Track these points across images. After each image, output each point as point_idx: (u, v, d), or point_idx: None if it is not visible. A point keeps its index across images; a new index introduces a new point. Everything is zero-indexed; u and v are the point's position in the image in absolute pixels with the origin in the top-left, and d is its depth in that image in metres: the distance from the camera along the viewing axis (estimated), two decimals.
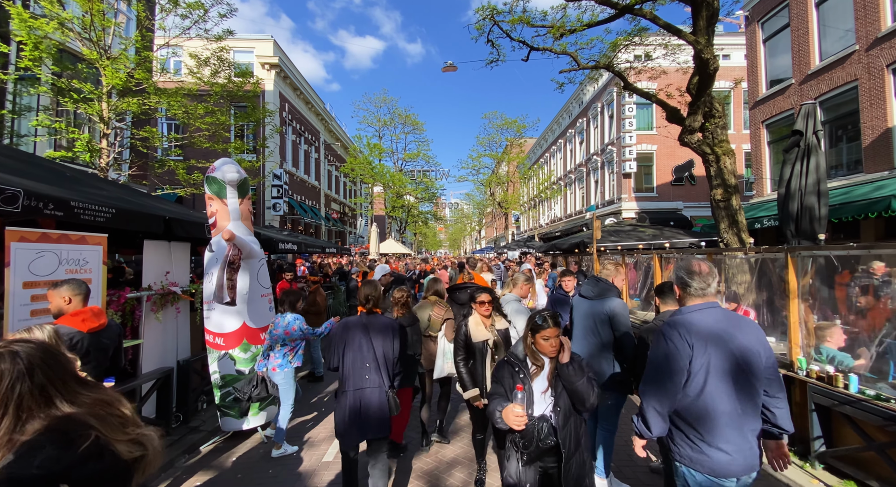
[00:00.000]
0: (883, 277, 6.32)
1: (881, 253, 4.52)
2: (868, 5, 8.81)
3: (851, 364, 3.57)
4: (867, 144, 8.98)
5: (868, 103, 8.89)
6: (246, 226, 4.91)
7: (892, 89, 8.48)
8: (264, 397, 4.50)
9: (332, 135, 26.92)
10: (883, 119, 8.63)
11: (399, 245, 25.74)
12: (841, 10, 9.56)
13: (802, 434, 3.76)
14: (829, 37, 9.95)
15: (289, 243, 7.76)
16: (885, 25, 8.48)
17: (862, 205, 7.73)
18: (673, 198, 19.82)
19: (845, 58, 9.40)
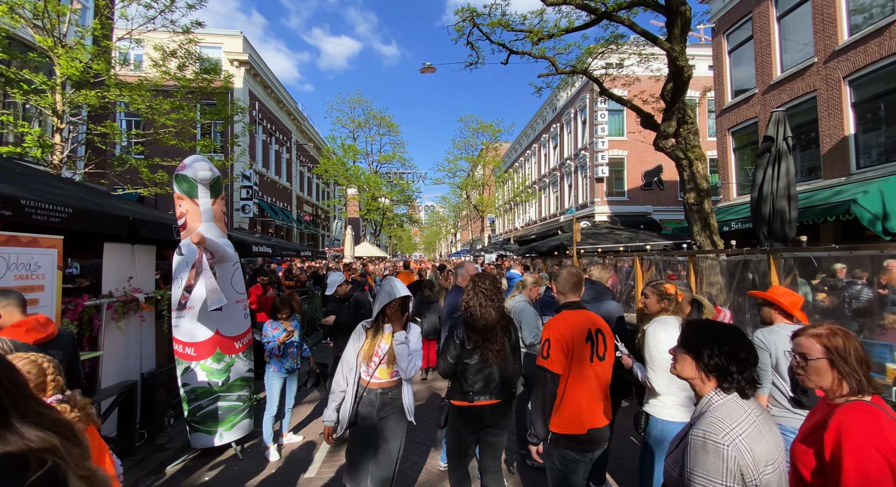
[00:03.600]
0: (846, 279, 6.66)
1: (861, 255, 4.70)
2: (826, 20, 9.36)
3: None
4: (825, 152, 9.51)
5: (826, 113, 9.43)
6: (219, 228, 4.61)
7: (849, 100, 9.02)
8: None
9: (304, 135, 26.25)
10: (840, 128, 9.17)
11: (374, 248, 25.34)
12: (801, 24, 10.12)
13: None
14: (790, 49, 10.52)
15: (262, 246, 7.41)
16: (842, 39, 9.03)
17: (823, 209, 8.14)
18: (643, 202, 20.44)
19: (805, 69, 9.94)
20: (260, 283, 6.47)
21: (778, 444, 1.33)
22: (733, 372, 1.33)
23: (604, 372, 2.27)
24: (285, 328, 4.39)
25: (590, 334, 2.24)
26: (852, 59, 8.83)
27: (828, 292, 6.46)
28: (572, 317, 2.31)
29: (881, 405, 1.33)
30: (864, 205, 7.53)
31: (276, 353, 4.28)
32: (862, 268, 6.76)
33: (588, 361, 2.20)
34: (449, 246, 64.03)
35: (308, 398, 5.79)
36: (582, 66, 11.28)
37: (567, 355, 2.16)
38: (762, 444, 1.27)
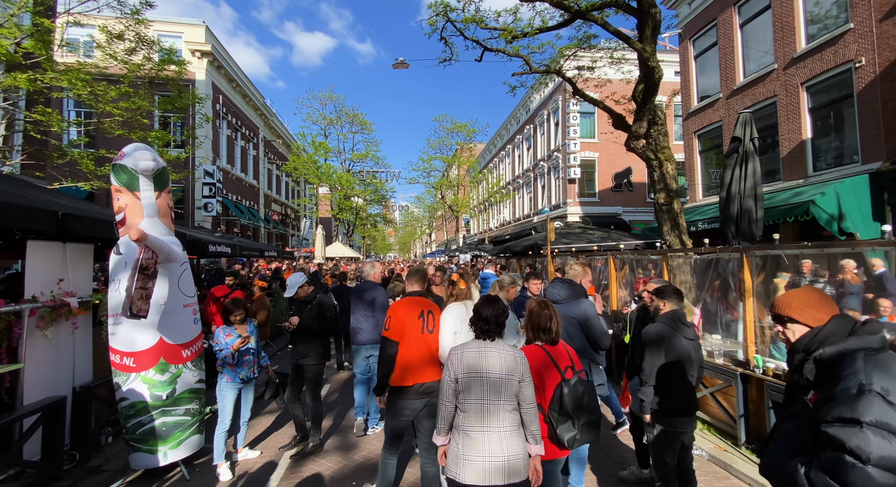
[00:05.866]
0: (809, 277, 6.85)
1: (833, 252, 4.77)
2: (785, 28, 9.73)
3: None
4: (785, 154, 9.88)
5: (785, 117, 9.79)
6: (165, 225, 4.19)
7: (806, 105, 9.40)
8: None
9: (272, 131, 25.32)
10: (798, 132, 9.53)
11: (346, 248, 24.73)
12: (762, 31, 10.49)
13: (759, 431, 3.81)
14: (752, 56, 10.89)
15: (221, 245, 6.91)
16: (800, 47, 9.40)
17: (784, 210, 8.41)
18: (613, 204, 20.85)
19: (766, 75, 10.30)
20: (227, 284, 6.00)
21: (481, 360, 2.17)
22: (479, 325, 2.27)
23: (432, 341, 3.00)
24: (240, 334, 4.02)
25: (422, 313, 3.02)
26: (809, 67, 9.20)
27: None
28: (410, 302, 3.09)
29: (544, 347, 2.46)
30: (821, 206, 7.82)
31: (229, 362, 3.90)
32: (822, 267, 6.99)
33: (420, 333, 2.97)
34: (424, 247, 63.67)
35: (267, 409, 5.39)
36: (556, 66, 11.29)
37: (402, 328, 2.95)
38: (475, 364, 2.16)
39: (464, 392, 2.12)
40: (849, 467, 1.38)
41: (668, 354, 2.77)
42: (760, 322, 4.08)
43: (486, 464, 2.05)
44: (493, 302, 2.27)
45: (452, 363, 2.18)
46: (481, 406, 2.10)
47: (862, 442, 1.36)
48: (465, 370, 2.13)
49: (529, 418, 2.14)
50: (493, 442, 2.08)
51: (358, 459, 4.08)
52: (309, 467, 3.97)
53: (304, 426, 4.34)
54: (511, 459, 2.07)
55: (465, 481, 2.06)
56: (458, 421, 2.16)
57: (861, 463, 1.36)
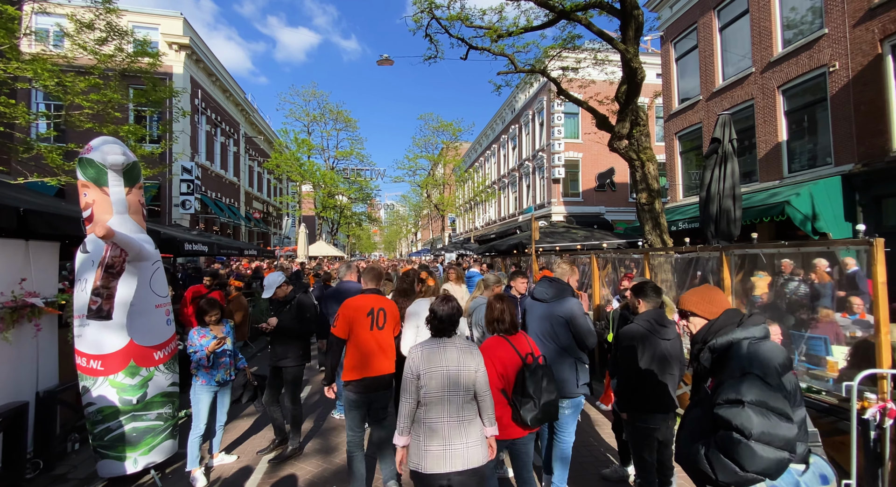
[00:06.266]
0: (786, 276, 7.02)
1: (809, 251, 4.88)
2: (763, 32, 9.96)
3: None
4: (761, 156, 10.13)
5: (762, 120, 10.04)
6: (136, 222, 4.01)
7: (782, 108, 9.65)
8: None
9: (254, 128, 24.80)
10: (774, 134, 9.79)
11: (330, 247, 24.41)
12: (740, 35, 10.73)
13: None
14: (731, 59, 11.14)
15: (197, 244, 6.71)
16: (777, 51, 9.64)
17: (760, 210, 8.62)
18: (596, 203, 21.10)
19: (744, 79, 10.54)
20: (206, 285, 5.79)
21: (440, 355, 2.29)
22: (434, 324, 2.38)
23: (382, 337, 3.17)
24: (215, 335, 3.88)
25: (371, 311, 3.16)
26: (785, 71, 9.45)
27: (770, 287, 6.78)
28: (360, 299, 3.25)
29: (506, 337, 2.65)
30: (796, 207, 8.03)
31: (204, 364, 3.76)
32: (797, 266, 7.18)
33: (369, 330, 3.11)
34: (409, 246, 63.40)
35: (245, 412, 5.24)
36: (540, 66, 11.33)
37: (349, 325, 3.11)
38: (434, 359, 2.28)
39: (425, 386, 2.23)
40: (736, 443, 1.52)
41: (643, 355, 2.79)
42: None
43: (446, 453, 2.18)
44: (448, 301, 2.40)
45: (413, 360, 2.28)
46: (442, 398, 2.22)
47: (745, 420, 1.51)
48: (426, 366, 2.24)
49: (485, 404, 2.32)
50: (453, 431, 2.21)
51: (339, 462, 3.99)
52: (288, 471, 3.87)
53: (284, 429, 4.23)
54: (470, 445, 2.23)
55: (428, 471, 2.17)
56: (419, 415, 2.26)
57: (745, 439, 1.50)
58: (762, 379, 1.58)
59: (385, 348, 3.14)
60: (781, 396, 1.56)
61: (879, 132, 7.55)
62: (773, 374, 1.59)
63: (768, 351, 1.66)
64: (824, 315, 5.36)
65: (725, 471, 1.56)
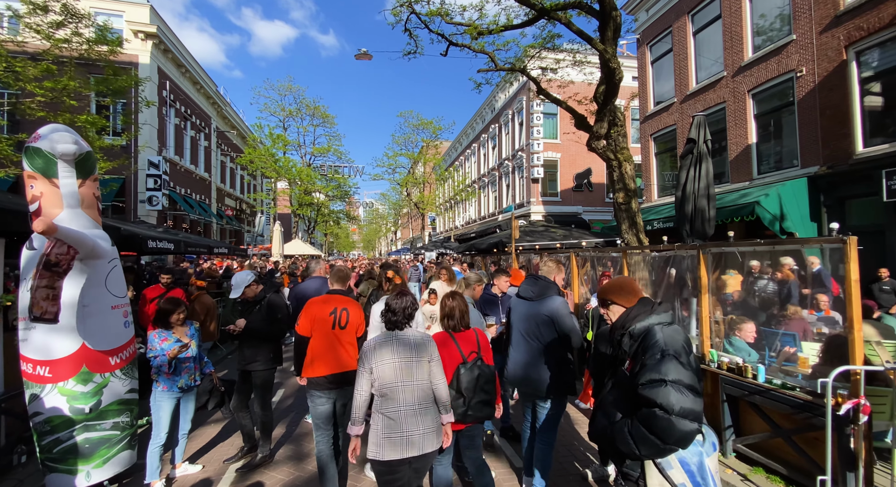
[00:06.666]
0: (756, 274, 7.21)
1: (784, 249, 4.98)
2: (734, 37, 10.25)
3: (755, 357, 3.79)
4: (732, 158, 10.43)
5: (734, 123, 10.33)
6: (90, 217, 3.72)
7: (752, 111, 9.95)
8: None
9: (226, 122, 23.96)
10: (745, 137, 10.08)
11: (307, 246, 23.84)
12: (713, 40, 11.01)
13: (714, 424, 3.90)
14: (704, 63, 11.42)
15: (162, 241, 6.36)
16: (747, 56, 9.93)
17: (732, 210, 8.86)
18: (574, 203, 21.38)
19: (716, 82, 10.83)
20: (162, 283, 5.45)
21: (392, 347, 2.40)
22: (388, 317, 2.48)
23: (344, 336, 3.27)
24: (178, 338, 3.64)
25: (335, 310, 3.25)
26: (755, 75, 9.75)
27: (742, 285, 6.96)
28: (325, 299, 3.35)
29: (453, 335, 2.76)
30: (765, 207, 8.29)
31: (165, 370, 3.52)
32: (765, 264, 7.39)
33: (331, 329, 3.21)
34: (389, 245, 62.83)
35: (212, 418, 4.97)
36: (520, 65, 11.34)
37: (311, 324, 3.19)
38: (386, 352, 2.38)
39: (379, 379, 2.34)
40: (658, 418, 1.68)
41: None
42: (714, 317, 4.19)
43: (403, 439, 2.30)
44: (402, 295, 2.54)
45: (367, 354, 2.39)
46: (396, 388, 2.33)
47: (669, 397, 1.67)
48: (378, 359, 2.35)
49: (440, 392, 2.44)
50: (409, 419, 2.33)
51: (311, 469, 3.81)
52: (256, 480, 3.67)
53: (253, 436, 4.02)
54: (425, 432, 2.35)
55: (386, 458, 2.28)
56: (376, 406, 2.38)
57: (667, 415, 1.66)
58: (677, 359, 1.73)
59: (347, 346, 3.24)
60: (692, 373, 1.72)
61: (843, 136, 7.87)
62: (684, 353, 1.76)
63: (677, 333, 1.83)
64: (793, 312, 5.50)
65: (648, 445, 1.70)
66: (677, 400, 1.66)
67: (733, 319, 4.20)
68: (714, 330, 4.16)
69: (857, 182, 7.57)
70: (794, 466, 3.21)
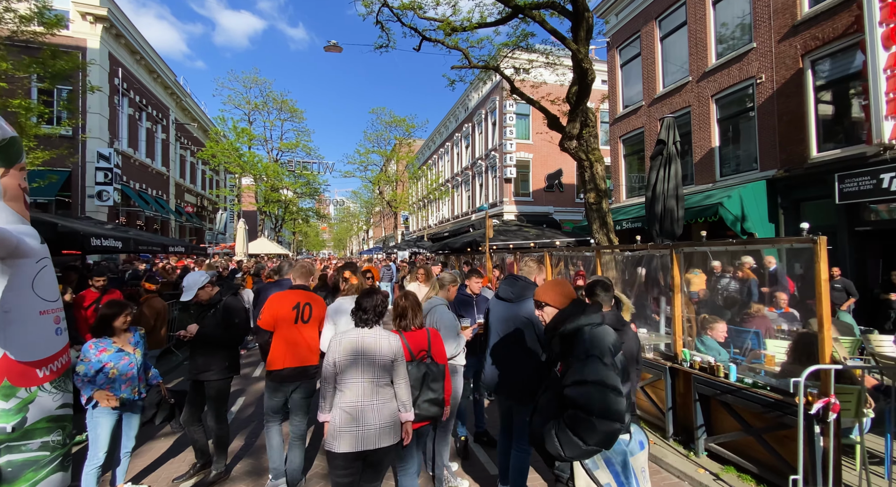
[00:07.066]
0: (721, 273, 7.42)
1: (756, 248, 5.08)
2: (699, 44, 10.58)
3: (726, 356, 3.81)
4: (697, 160, 10.77)
5: (698, 126, 10.67)
6: (15, 211, 3.28)
7: (715, 116, 10.30)
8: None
9: (186, 114, 22.72)
10: (708, 140, 10.43)
11: (273, 244, 22.98)
12: (679, 45, 11.34)
13: (686, 423, 3.91)
14: (670, 68, 11.74)
15: (109, 239, 5.83)
16: (711, 62, 10.27)
17: (696, 211, 9.13)
18: (546, 203, 21.66)
19: (682, 87, 11.15)
20: (94, 287, 4.94)
21: (358, 344, 2.43)
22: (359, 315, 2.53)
23: (307, 331, 3.30)
24: (119, 347, 3.28)
25: (297, 305, 3.28)
26: (718, 81, 10.09)
27: (707, 284, 7.14)
28: (288, 294, 3.37)
29: (403, 334, 2.73)
30: (728, 208, 8.57)
31: (100, 385, 3.15)
32: (727, 263, 7.63)
33: (293, 323, 3.24)
34: (361, 244, 61.79)
35: (161, 432, 4.56)
36: (494, 63, 11.29)
37: (274, 318, 3.22)
38: (351, 348, 2.42)
39: (341, 373, 2.40)
40: (580, 419, 1.69)
41: None
42: (685, 315, 4.21)
43: (358, 433, 2.34)
44: (372, 294, 2.58)
45: (332, 349, 2.43)
46: (357, 385, 2.39)
47: (589, 399, 1.68)
48: (343, 354, 2.41)
49: (402, 391, 2.50)
50: (366, 414, 2.37)
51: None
52: None
53: (206, 451, 3.69)
54: (382, 426, 2.40)
55: (339, 450, 2.33)
56: (336, 400, 2.43)
57: (588, 415, 1.67)
58: (601, 359, 1.75)
59: (309, 341, 3.28)
60: (615, 374, 1.74)
61: (799, 141, 8.24)
62: (608, 354, 1.77)
63: (604, 334, 1.84)
64: (756, 310, 5.66)
65: (571, 446, 1.70)
66: (598, 400, 1.66)
67: (705, 318, 4.24)
68: (686, 330, 4.18)
69: (812, 185, 7.95)
70: (765, 464, 3.23)
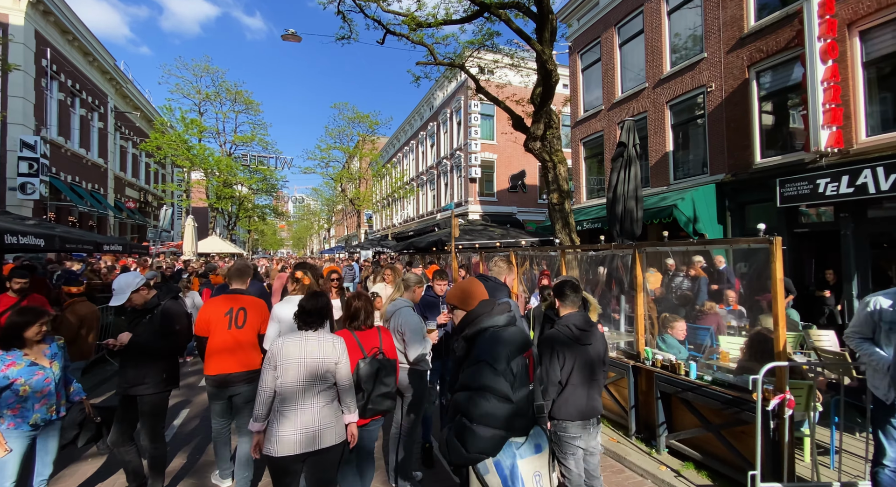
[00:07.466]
0: (674, 272, 7.70)
1: (716, 248, 5.23)
2: (655, 51, 11.01)
3: (685, 354, 3.89)
4: (653, 164, 11.21)
5: (654, 131, 11.10)
6: None
7: (670, 122, 10.76)
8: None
9: (127, 101, 20.99)
10: (663, 145, 10.88)
11: (226, 243, 21.74)
12: (637, 52, 11.75)
13: (649, 421, 3.96)
14: (629, 73, 12.16)
15: (28, 236, 5.16)
16: (666, 70, 10.71)
17: (653, 212, 9.48)
18: (509, 204, 21.93)
19: (639, 92, 11.57)
20: (13, 291, 4.33)
21: (300, 348, 2.40)
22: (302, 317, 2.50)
23: (241, 336, 3.26)
24: (33, 361, 2.84)
25: (230, 310, 3.27)
26: (672, 88, 10.55)
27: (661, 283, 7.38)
28: (222, 299, 3.36)
29: (355, 334, 2.81)
30: (682, 210, 8.96)
31: (8, 404, 2.71)
32: (681, 263, 7.94)
33: (227, 328, 3.22)
34: (322, 243, 60.01)
35: (88, 453, 4.06)
36: (460, 61, 11.21)
37: (207, 324, 3.22)
38: (293, 351, 2.38)
39: (282, 377, 2.34)
40: (461, 425, 1.66)
41: (565, 364, 2.64)
42: (647, 314, 4.28)
43: (297, 436, 2.31)
44: (317, 296, 2.56)
45: (272, 353, 2.38)
46: (298, 388, 2.35)
47: (471, 405, 1.65)
48: (284, 358, 2.35)
49: (345, 392, 2.50)
50: (306, 417, 2.35)
51: None
52: None
53: (141, 473, 3.29)
54: (322, 428, 2.38)
55: (278, 454, 2.29)
56: (275, 405, 2.37)
57: (469, 422, 1.64)
58: (491, 365, 1.70)
59: (245, 345, 3.24)
60: (504, 379, 1.68)
61: (745, 147, 8.74)
62: (502, 359, 1.71)
63: (507, 337, 1.79)
64: (708, 307, 5.89)
65: (455, 453, 1.68)
66: (477, 406, 1.62)
67: (666, 317, 4.32)
68: (647, 328, 4.24)
69: (756, 189, 8.45)
70: (723, 460, 3.31)
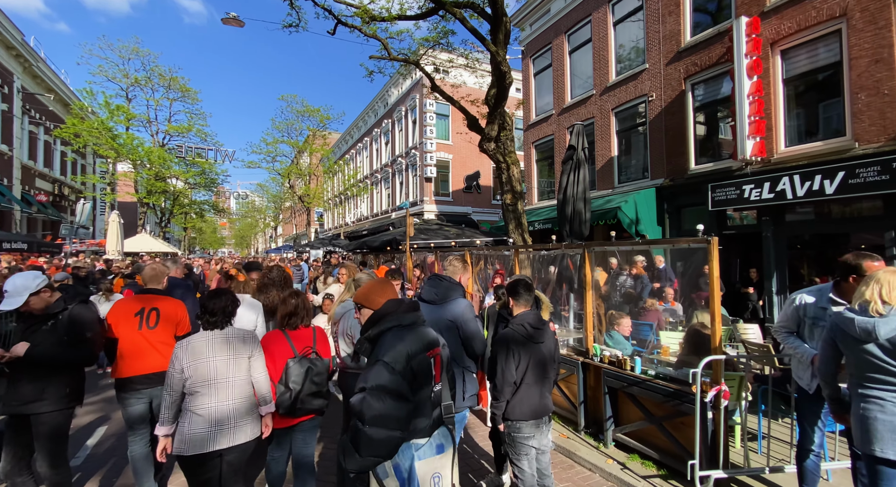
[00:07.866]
0: (618, 270, 8.05)
1: (659, 248, 5.44)
2: (602, 60, 11.52)
3: (630, 350, 4.03)
4: (599, 168, 11.72)
5: (600, 136, 11.61)
6: None
7: (615, 128, 11.30)
8: None
9: (38, 82, 18.65)
10: (609, 150, 11.41)
11: (158, 241, 19.95)
12: (585, 60, 12.24)
13: (597, 416, 4.05)
14: (578, 80, 12.63)
15: None
16: (612, 78, 11.24)
17: (599, 214, 9.89)
18: (464, 204, 22.09)
19: (587, 99, 12.05)
20: None
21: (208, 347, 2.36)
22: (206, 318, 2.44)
23: (155, 337, 3.14)
24: None
25: (141, 311, 3.16)
26: (617, 96, 11.09)
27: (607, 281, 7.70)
28: (131, 300, 3.28)
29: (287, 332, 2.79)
30: (625, 212, 9.43)
31: None
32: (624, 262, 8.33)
33: (137, 329, 3.11)
34: (268, 242, 57.08)
35: None
36: (415, 58, 11.06)
37: (115, 325, 3.10)
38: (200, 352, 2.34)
39: (190, 378, 2.29)
40: (355, 428, 1.61)
41: (519, 363, 2.62)
42: (596, 311, 4.39)
43: (211, 433, 2.28)
44: (219, 295, 2.51)
45: (178, 355, 2.32)
46: (209, 386, 2.31)
47: (363, 407, 1.60)
48: (191, 359, 2.30)
49: (260, 385, 2.49)
50: (221, 413, 2.31)
51: None
52: None
53: None
54: (237, 425, 2.36)
55: (191, 453, 2.24)
56: (185, 405, 2.33)
57: (361, 425, 1.58)
58: (389, 365, 1.65)
59: (158, 346, 3.15)
60: (402, 379, 1.64)
61: (681, 154, 9.36)
62: (401, 359, 1.67)
63: (410, 335, 1.76)
64: (650, 304, 6.19)
65: (350, 459, 1.62)
66: (371, 408, 1.58)
67: (612, 314, 4.46)
68: (595, 325, 4.35)
69: (691, 193, 9.08)
70: (665, 450, 3.45)
